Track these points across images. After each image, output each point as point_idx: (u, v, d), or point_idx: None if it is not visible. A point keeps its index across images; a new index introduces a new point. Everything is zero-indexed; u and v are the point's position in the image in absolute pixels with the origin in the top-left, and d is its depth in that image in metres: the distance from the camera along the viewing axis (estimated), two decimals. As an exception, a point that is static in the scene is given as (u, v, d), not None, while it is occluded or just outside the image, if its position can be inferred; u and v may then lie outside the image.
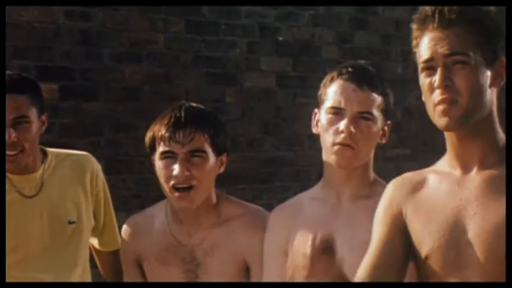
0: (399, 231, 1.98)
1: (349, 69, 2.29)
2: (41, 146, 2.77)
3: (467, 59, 1.84)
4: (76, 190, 2.79)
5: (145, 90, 4.49)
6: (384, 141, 2.34)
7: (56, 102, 4.10)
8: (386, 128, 2.33)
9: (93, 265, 2.95)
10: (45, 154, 2.78)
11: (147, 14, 4.49)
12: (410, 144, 5.50)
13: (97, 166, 2.87)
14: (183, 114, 2.39)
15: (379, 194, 2.28)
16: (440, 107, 1.85)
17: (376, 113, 2.27)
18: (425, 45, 1.88)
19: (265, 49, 4.98)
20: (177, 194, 2.38)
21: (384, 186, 2.32)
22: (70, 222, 2.75)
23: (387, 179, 2.32)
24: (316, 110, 2.33)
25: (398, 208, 2.00)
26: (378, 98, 2.27)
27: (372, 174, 2.36)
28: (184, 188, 2.37)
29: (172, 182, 2.37)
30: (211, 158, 2.41)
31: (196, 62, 4.68)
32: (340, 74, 2.29)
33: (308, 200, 2.39)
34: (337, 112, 2.25)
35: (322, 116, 2.29)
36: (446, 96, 1.84)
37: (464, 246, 1.87)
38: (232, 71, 4.84)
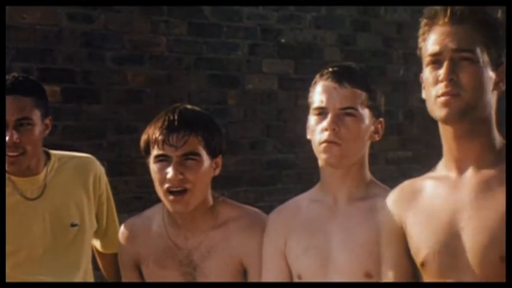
0: (406, 244, 2.02)
1: (330, 69, 2.30)
2: (44, 149, 2.77)
3: (474, 57, 1.86)
4: (79, 193, 2.79)
5: (147, 92, 4.49)
6: (377, 138, 2.32)
7: (58, 104, 4.10)
8: (379, 125, 2.32)
9: (95, 267, 2.96)
10: (48, 156, 2.78)
11: (149, 16, 4.49)
12: (412, 147, 5.49)
13: (100, 169, 2.87)
14: (176, 117, 2.37)
15: (375, 196, 2.27)
16: (442, 99, 1.87)
17: (361, 109, 2.26)
18: (433, 40, 1.90)
19: (267, 51, 4.97)
20: (171, 197, 2.37)
21: (380, 188, 2.32)
22: (72, 225, 2.76)
23: (389, 181, 2.31)
24: (309, 117, 2.34)
25: (399, 222, 2.04)
26: (361, 94, 2.26)
27: (368, 175, 2.34)
28: (178, 191, 2.36)
29: (166, 185, 2.36)
30: (206, 160, 2.39)
31: (198, 64, 4.68)
32: (321, 76, 2.31)
33: (307, 201, 2.38)
34: (321, 112, 2.26)
35: (310, 119, 2.30)
36: (450, 89, 1.86)
37: (460, 250, 1.88)
38: (234, 73, 4.84)
